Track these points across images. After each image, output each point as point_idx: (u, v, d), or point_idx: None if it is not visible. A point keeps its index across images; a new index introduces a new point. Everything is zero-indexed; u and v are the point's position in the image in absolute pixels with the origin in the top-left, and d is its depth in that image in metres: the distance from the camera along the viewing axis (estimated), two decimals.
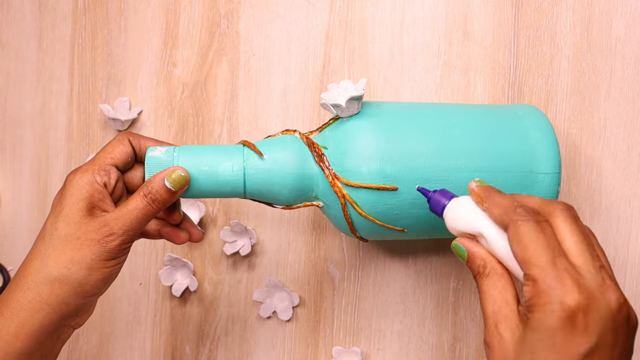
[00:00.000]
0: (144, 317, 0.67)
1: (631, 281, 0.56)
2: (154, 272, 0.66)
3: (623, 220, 0.56)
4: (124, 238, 0.46)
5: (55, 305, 0.45)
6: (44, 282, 0.45)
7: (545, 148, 0.49)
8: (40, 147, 0.69)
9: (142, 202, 0.46)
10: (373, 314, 0.61)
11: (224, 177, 0.48)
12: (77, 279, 0.45)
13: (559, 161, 0.49)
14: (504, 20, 0.58)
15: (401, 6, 0.61)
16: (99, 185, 0.47)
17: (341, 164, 0.48)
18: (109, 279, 0.46)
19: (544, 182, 0.49)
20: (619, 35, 0.56)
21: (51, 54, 0.69)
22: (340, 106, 0.48)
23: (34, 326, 0.45)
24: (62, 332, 0.47)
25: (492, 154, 0.49)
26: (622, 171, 0.56)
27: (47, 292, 0.45)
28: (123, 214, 0.46)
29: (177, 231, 0.51)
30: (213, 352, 0.65)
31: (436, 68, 0.60)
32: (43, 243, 0.46)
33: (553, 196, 0.50)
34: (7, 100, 0.71)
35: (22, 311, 0.45)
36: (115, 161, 0.48)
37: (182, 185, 0.47)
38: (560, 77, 0.57)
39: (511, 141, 0.50)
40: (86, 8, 0.68)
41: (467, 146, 0.49)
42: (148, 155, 0.48)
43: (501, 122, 0.51)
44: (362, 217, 0.48)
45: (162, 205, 0.47)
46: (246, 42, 0.64)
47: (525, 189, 0.49)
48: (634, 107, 0.56)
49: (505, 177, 0.49)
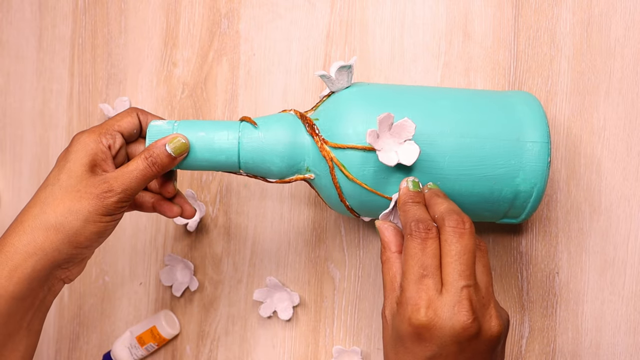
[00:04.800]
0: (144, 317, 0.66)
1: (631, 281, 0.56)
2: (154, 272, 0.66)
3: (623, 220, 0.56)
4: (121, 196, 0.47)
5: (48, 251, 0.46)
6: (40, 227, 0.46)
7: (532, 118, 0.51)
8: (40, 147, 0.69)
9: (143, 163, 0.48)
10: (373, 313, 0.61)
11: (219, 145, 0.50)
12: (73, 228, 0.46)
13: (547, 131, 0.50)
14: (504, 20, 0.59)
15: (402, 6, 0.61)
16: (104, 146, 0.49)
17: (329, 130, 0.50)
18: (102, 233, 0.48)
19: (532, 151, 0.50)
20: (618, 36, 0.56)
21: (51, 54, 0.69)
22: (330, 77, 0.50)
23: (27, 270, 0.46)
24: (53, 283, 0.49)
25: (478, 121, 0.50)
26: (622, 171, 0.56)
27: (42, 238, 0.46)
28: (123, 174, 0.48)
29: (171, 205, 0.53)
30: (213, 352, 0.65)
31: (437, 68, 0.60)
32: (44, 192, 0.48)
33: (543, 166, 0.50)
34: (7, 100, 0.71)
35: (16, 254, 0.46)
36: (122, 129, 0.50)
37: (182, 151, 0.49)
38: (560, 78, 0.57)
39: (497, 111, 0.51)
40: (86, 8, 0.68)
41: (453, 114, 0.50)
42: (151, 125, 0.50)
43: (488, 96, 0.53)
44: (350, 181, 0.49)
45: (161, 169, 0.49)
46: (246, 42, 0.64)
47: (514, 157, 0.50)
48: (633, 107, 0.56)
49: (491, 144, 0.50)
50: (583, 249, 0.56)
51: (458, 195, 0.50)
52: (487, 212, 0.52)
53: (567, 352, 0.57)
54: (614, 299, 0.56)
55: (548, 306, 0.57)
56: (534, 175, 0.50)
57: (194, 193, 0.63)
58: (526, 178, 0.50)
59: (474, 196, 0.51)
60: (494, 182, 0.50)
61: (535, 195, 0.50)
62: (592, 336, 0.56)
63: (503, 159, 0.49)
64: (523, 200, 0.51)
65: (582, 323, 0.56)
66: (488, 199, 0.51)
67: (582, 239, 0.57)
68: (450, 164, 0.49)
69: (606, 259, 0.56)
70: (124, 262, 0.68)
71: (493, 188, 0.50)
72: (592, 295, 0.56)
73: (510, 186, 0.50)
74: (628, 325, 0.55)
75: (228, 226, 0.65)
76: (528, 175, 0.50)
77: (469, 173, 0.49)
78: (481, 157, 0.49)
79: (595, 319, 0.56)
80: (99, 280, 0.68)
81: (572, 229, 0.57)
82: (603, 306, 0.56)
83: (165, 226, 0.66)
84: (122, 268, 0.68)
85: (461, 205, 0.50)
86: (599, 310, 0.56)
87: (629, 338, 0.55)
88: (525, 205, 0.51)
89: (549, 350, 0.57)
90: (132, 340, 0.64)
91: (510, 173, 0.50)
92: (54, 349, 0.69)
